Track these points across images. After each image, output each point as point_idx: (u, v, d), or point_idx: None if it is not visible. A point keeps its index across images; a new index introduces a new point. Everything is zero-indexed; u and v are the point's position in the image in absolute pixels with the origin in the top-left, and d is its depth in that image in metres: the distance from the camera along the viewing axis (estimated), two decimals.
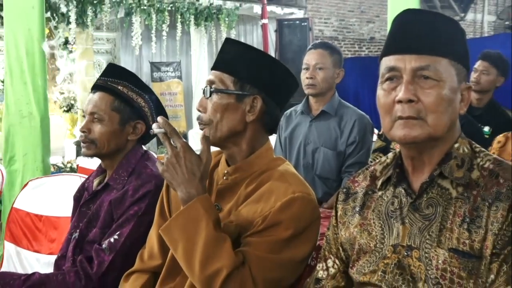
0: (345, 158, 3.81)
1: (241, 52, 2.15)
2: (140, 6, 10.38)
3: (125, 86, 2.59)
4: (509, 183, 1.64)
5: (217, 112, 2.06)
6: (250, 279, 1.86)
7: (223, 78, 2.08)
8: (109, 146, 2.57)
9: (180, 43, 11.32)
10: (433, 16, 1.78)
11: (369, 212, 1.83)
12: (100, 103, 2.56)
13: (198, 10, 11.22)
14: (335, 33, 13.78)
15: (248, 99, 2.09)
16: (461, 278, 1.62)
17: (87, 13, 9.78)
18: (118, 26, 10.82)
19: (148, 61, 11.12)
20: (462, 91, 1.73)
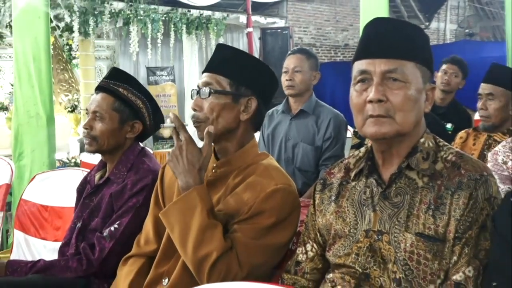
0: (322, 152, 3.81)
1: (235, 56, 2.15)
2: (137, 16, 10.33)
3: (125, 89, 2.60)
4: (469, 174, 1.65)
5: (214, 111, 2.05)
6: (236, 263, 1.87)
7: (219, 80, 2.07)
8: (109, 143, 2.57)
9: (173, 49, 11.28)
10: (400, 24, 1.79)
11: (343, 200, 1.83)
12: (102, 103, 2.57)
13: (190, 20, 11.19)
14: (313, 40, 13.76)
15: (243, 100, 2.09)
16: (427, 260, 1.63)
17: (89, 23, 9.70)
18: (117, 35, 10.75)
19: (144, 66, 11.08)
20: (427, 91, 1.74)
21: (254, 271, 1.90)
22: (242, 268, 1.87)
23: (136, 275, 2.15)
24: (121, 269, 2.22)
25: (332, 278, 1.78)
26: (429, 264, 1.63)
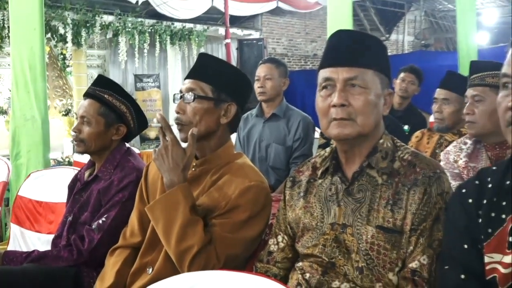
0: (292, 151, 3.82)
1: (216, 65, 2.14)
2: (125, 28, 10.33)
3: (110, 95, 2.58)
4: (424, 172, 1.66)
5: (197, 114, 2.04)
6: (214, 255, 1.87)
7: (202, 86, 2.06)
8: (96, 144, 2.57)
9: (159, 58, 11.29)
10: (361, 35, 1.80)
11: (311, 196, 1.83)
12: (89, 109, 2.56)
13: (173, 32, 11.20)
14: (285, 51, 13.79)
15: (224, 105, 2.08)
16: (386, 250, 1.63)
17: (81, 34, 9.70)
18: (107, 45, 10.71)
19: (132, 74, 11.04)
20: (385, 96, 1.75)
21: (231, 261, 1.89)
22: (220, 259, 1.87)
23: (122, 264, 2.13)
24: (108, 259, 2.20)
25: (301, 267, 1.77)
26: (388, 254, 1.63)
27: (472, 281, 1.38)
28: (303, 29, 14.00)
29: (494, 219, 1.37)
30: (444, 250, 1.52)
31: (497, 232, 1.36)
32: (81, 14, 9.67)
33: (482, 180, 1.46)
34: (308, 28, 14.01)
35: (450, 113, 3.44)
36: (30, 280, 2.29)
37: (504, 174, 1.42)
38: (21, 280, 2.28)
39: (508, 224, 1.34)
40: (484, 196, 1.42)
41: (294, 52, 13.87)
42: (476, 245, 1.39)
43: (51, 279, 2.34)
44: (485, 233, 1.37)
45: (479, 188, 1.45)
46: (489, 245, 1.36)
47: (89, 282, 2.32)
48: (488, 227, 1.37)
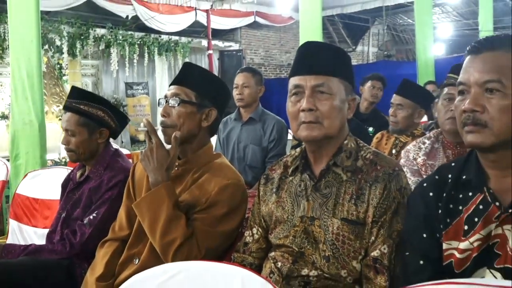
0: (267, 151, 3.81)
1: (200, 74, 2.14)
2: (117, 40, 10.31)
3: (86, 105, 2.56)
4: (384, 169, 1.67)
5: (181, 117, 2.02)
6: (196, 247, 1.87)
7: (187, 92, 2.05)
8: (85, 151, 2.56)
9: (147, 68, 11.27)
10: (327, 46, 1.81)
11: (283, 192, 1.83)
12: (70, 122, 2.55)
13: (160, 44, 11.19)
14: (262, 61, 13.80)
15: (205, 110, 2.07)
16: (350, 240, 1.64)
17: (76, 45, 9.70)
18: (100, 56, 10.66)
19: (123, 82, 10.99)
20: (349, 102, 1.76)
21: (210, 252, 1.89)
22: (201, 251, 1.87)
23: (111, 256, 2.12)
24: (99, 251, 2.18)
25: (274, 256, 1.77)
26: (352, 244, 1.64)
27: (429, 266, 1.41)
28: (278, 41, 14.03)
29: (452, 210, 1.42)
30: (405, 238, 1.54)
31: (454, 221, 1.40)
32: (76, 27, 9.66)
33: (441, 175, 1.50)
34: (282, 40, 14.04)
35: (403, 117, 3.47)
36: (27, 271, 2.26)
37: (461, 170, 1.45)
38: (18, 271, 2.25)
39: (464, 214, 1.39)
40: (444, 189, 1.45)
41: (270, 62, 13.90)
42: (434, 234, 1.43)
43: (46, 270, 2.31)
44: (444, 223, 1.41)
45: (439, 183, 1.48)
46: (447, 233, 1.40)
47: (81, 272, 2.29)
48: (447, 218, 1.42)
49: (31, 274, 2.26)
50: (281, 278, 1.69)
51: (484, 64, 1.33)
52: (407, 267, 1.47)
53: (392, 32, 16.86)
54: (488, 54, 1.34)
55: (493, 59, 1.32)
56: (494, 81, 1.30)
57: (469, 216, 1.38)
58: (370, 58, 16.18)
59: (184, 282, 1.34)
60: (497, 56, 1.32)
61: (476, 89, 1.33)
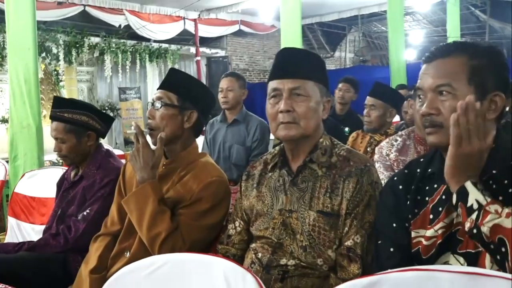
0: (251, 151, 3.81)
1: (183, 79, 2.13)
2: (110, 48, 10.26)
3: (69, 112, 2.54)
4: (356, 165, 1.68)
5: (164, 119, 2.02)
6: (181, 240, 1.87)
7: (169, 95, 2.05)
8: (76, 155, 2.56)
9: (139, 74, 11.22)
10: (303, 52, 1.82)
11: (262, 187, 1.83)
12: (57, 131, 2.54)
13: (151, 51, 11.15)
14: (247, 66, 13.79)
15: (187, 112, 2.06)
16: (325, 231, 1.65)
17: (72, 53, 9.63)
18: (95, 62, 10.58)
19: (117, 87, 10.93)
20: (324, 103, 1.76)
21: (195, 244, 1.88)
22: (185, 243, 1.86)
23: (104, 249, 2.10)
24: (92, 245, 2.17)
25: (255, 247, 1.77)
26: (327, 234, 1.65)
27: (399, 253, 1.44)
28: (262, 48, 14.03)
29: (420, 201, 1.45)
30: (378, 227, 1.56)
31: (421, 211, 1.43)
32: (71, 36, 9.60)
33: (410, 169, 1.53)
34: (266, 47, 14.04)
35: (376, 117, 3.50)
36: (24, 265, 2.25)
37: (428, 164, 1.49)
38: (16, 265, 2.24)
39: (429, 204, 1.41)
40: (412, 182, 1.48)
41: (254, 68, 13.89)
42: (404, 224, 1.45)
43: (42, 264, 2.31)
44: (413, 213, 1.44)
45: (408, 176, 1.52)
46: (415, 222, 1.43)
47: (75, 266, 2.27)
48: (415, 208, 1.44)
49: (28, 268, 2.24)
50: (261, 268, 1.70)
51: (436, 70, 1.39)
52: (380, 254, 1.49)
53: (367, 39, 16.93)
54: (439, 61, 1.39)
55: (443, 65, 1.38)
56: (445, 85, 1.35)
57: (434, 206, 1.41)
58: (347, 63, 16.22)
59: (170, 272, 1.34)
60: (446, 62, 1.38)
61: (431, 94, 1.38)
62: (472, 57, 1.36)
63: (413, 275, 1.05)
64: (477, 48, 1.39)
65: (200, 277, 1.28)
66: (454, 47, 1.40)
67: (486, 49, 1.39)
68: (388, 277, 1.06)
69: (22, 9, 4.12)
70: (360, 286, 1.07)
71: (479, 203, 1.22)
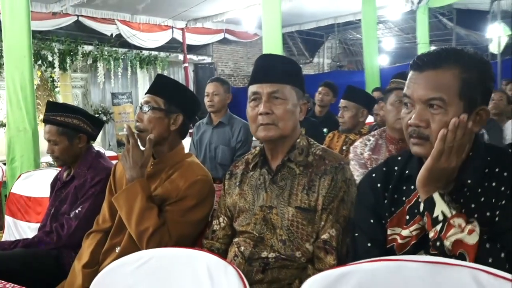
0: (235, 151, 3.81)
1: (169, 84, 2.12)
2: (103, 56, 10.23)
3: (61, 116, 2.52)
4: (331, 163, 1.68)
5: (151, 122, 2.01)
6: (167, 235, 1.86)
7: (156, 99, 2.03)
8: (68, 157, 2.54)
9: (130, 80, 11.15)
10: (280, 58, 1.82)
11: (244, 185, 1.82)
12: (50, 133, 2.52)
13: (142, 58, 11.12)
14: (232, 72, 13.77)
15: (173, 115, 2.05)
16: (303, 225, 1.65)
17: (66, 61, 9.60)
18: (88, 69, 10.51)
19: (109, 92, 10.86)
20: (300, 106, 1.76)
21: (181, 239, 1.87)
22: (172, 238, 1.85)
23: (96, 245, 2.09)
24: (84, 241, 2.15)
25: (238, 241, 1.77)
26: (305, 228, 1.65)
27: (376, 248, 1.41)
28: (246, 55, 14.03)
29: (397, 200, 1.41)
30: (355, 222, 1.53)
31: (398, 210, 1.40)
32: (66, 45, 9.57)
33: (389, 167, 1.49)
34: (249, 54, 14.03)
35: (349, 118, 3.54)
36: (19, 262, 2.22)
37: (405, 164, 1.45)
38: (12, 261, 2.21)
39: (406, 205, 1.38)
40: (390, 181, 1.45)
41: (239, 73, 13.89)
42: (381, 221, 1.42)
43: (37, 259, 2.28)
44: (389, 211, 1.41)
45: (386, 175, 1.48)
46: (392, 220, 1.40)
47: (68, 261, 2.25)
48: (391, 207, 1.41)
49: (23, 263, 2.21)
50: (244, 260, 1.69)
51: (427, 82, 1.28)
52: (357, 248, 1.46)
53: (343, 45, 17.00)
54: (431, 72, 1.28)
55: (435, 77, 1.28)
56: (437, 99, 1.26)
57: (410, 207, 1.37)
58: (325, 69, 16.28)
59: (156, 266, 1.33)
60: (438, 74, 1.27)
61: (421, 105, 1.29)
62: (464, 69, 1.27)
63: (382, 265, 1.06)
64: (469, 59, 1.29)
65: (185, 270, 1.28)
66: (446, 57, 1.29)
67: (477, 61, 1.30)
68: (359, 268, 1.07)
69: (17, 19, 4.11)
70: (333, 276, 1.07)
71: (444, 215, 1.21)
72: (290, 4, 9.21)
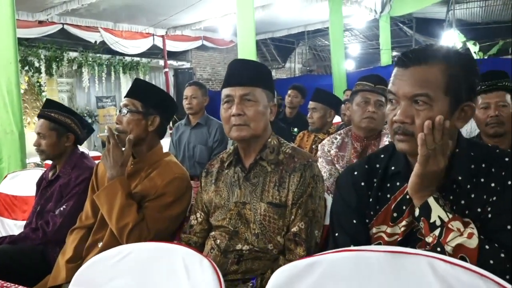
0: (212, 150, 3.79)
1: (146, 87, 2.09)
2: (87, 62, 10.10)
3: (56, 113, 2.50)
4: (300, 161, 1.68)
5: (130, 124, 1.98)
6: (146, 230, 1.83)
7: (134, 102, 2.01)
8: (53, 152, 2.49)
9: (114, 84, 11.04)
10: (252, 63, 1.81)
11: (220, 182, 1.81)
12: (42, 127, 2.48)
13: (125, 64, 11.01)
14: (210, 76, 13.70)
15: (151, 117, 2.02)
16: (275, 219, 1.64)
17: (52, 66, 9.45)
18: (74, 74, 10.35)
19: (94, 96, 10.73)
20: (271, 107, 1.75)
21: (160, 234, 1.85)
22: (150, 233, 1.83)
23: (79, 241, 2.05)
24: (68, 237, 2.11)
25: (214, 235, 1.75)
26: (276, 222, 1.64)
27: None
28: (223, 60, 13.96)
29: (381, 198, 1.34)
30: (337, 222, 1.42)
31: (383, 208, 1.33)
32: (51, 51, 9.42)
33: (371, 165, 1.40)
34: (226, 59, 13.96)
35: (317, 118, 3.56)
36: (6, 257, 2.17)
37: (388, 161, 1.37)
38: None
39: (392, 202, 1.31)
40: (374, 179, 1.37)
41: (216, 77, 13.82)
42: (364, 220, 1.35)
43: (23, 256, 2.23)
44: (374, 209, 1.34)
45: (369, 172, 1.39)
46: (377, 218, 1.33)
47: (53, 256, 2.20)
48: (376, 205, 1.34)
49: (10, 259, 2.17)
50: (220, 253, 1.68)
51: (413, 78, 1.20)
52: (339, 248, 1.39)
53: (313, 51, 17.08)
54: (416, 69, 1.20)
55: (421, 73, 1.19)
56: (422, 95, 1.18)
57: (397, 204, 1.30)
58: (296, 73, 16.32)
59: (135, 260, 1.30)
60: (424, 71, 1.19)
61: (406, 102, 1.20)
62: (450, 65, 1.19)
63: (346, 255, 1.05)
64: (454, 55, 1.22)
65: (162, 264, 1.26)
66: (432, 53, 1.21)
67: (463, 57, 1.23)
68: (325, 258, 1.06)
69: (3, 27, 3.99)
70: (301, 266, 1.07)
71: (441, 220, 1.14)
72: (263, 13, 9.22)
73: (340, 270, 1.05)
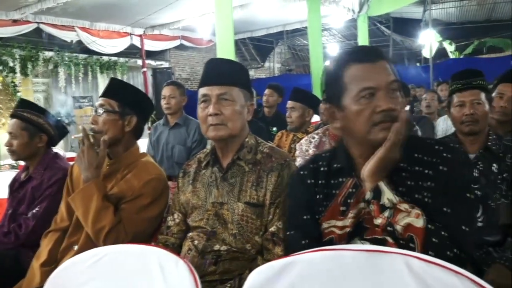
0: (191, 150, 3.77)
1: (122, 87, 2.06)
2: (63, 61, 9.97)
3: (28, 113, 2.46)
4: (278, 160, 1.68)
5: (106, 124, 1.95)
6: (123, 232, 1.80)
7: (111, 102, 1.97)
8: (25, 153, 2.45)
9: (91, 84, 10.89)
10: (228, 62, 1.79)
11: (197, 183, 1.79)
12: (13, 126, 2.44)
13: (102, 63, 10.89)
14: (189, 76, 13.65)
15: (127, 117, 1.99)
16: (252, 219, 1.63)
17: (27, 66, 9.29)
18: (49, 74, 10.20)
19: (71, 96, 10.59)
20: (248, 107, 1.74)
21: (137, 236, 1.83)
22: (128, 235, 1.80)
23: (54, 244, 2.01)
24: (43, 240, 2.06)
25: (191, 236, 1.73)
26: (254, 222, 1.63)
27: (312, 244, 1.34)
28: (201, 60, 13.90)
29: (328, 194, 1.39)
30: (289, 219, 1.50)
31: (331, 204, 1.37)
32: (26, 51, 9.25)
33: (315, 164, 1.46)
34: (205, 58, 13.88)
35: (296, 117, 3.57)
36: None
37: (331, 159, 1.43)
38: None
39: (337, 197, 1.37)
40: (319, 177, 1.43)
41: (195, 77, 13.77)
42: (314, 216, 1.39)
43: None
44: (323, 205, 1.39)
45: (314, 171, 1.45)
46: (326, 214, 1.37)
47: (27, 260, 2.14)
48: (324, 201, 1.39)
49: None
50: (197, 253, 1.66)
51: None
52: (293, 246, 1.39)
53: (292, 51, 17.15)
54: (383, 62, 1.28)
55: (387, 64, 1.29)
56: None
57: (344, 199, 1.36)
58: (276, 72, 16.37)
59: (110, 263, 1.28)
60: (386, 62, 1.29)
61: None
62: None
63: (322, 255, 1.05)
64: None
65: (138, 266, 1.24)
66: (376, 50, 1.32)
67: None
68: (301, 258, 1.06)
69: None
70: (277, 267, 1.06)
71: (391, 202, 1.21)
72: (242, 12, 9.21)
73: (317, 269, 1.05)
